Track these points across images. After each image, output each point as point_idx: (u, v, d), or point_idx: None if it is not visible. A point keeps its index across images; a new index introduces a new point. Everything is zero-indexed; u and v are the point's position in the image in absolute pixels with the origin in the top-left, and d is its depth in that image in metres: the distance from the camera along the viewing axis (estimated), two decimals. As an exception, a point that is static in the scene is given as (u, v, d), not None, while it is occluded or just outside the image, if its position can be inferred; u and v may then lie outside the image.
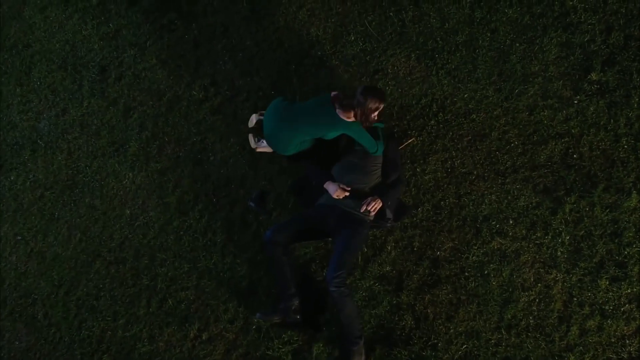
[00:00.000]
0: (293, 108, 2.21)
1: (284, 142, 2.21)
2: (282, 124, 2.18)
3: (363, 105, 2.08)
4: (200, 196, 2.66)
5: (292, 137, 2.18)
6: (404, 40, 2.71)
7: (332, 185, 2.22)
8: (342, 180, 2.28)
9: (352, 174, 2.28)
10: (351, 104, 2.11)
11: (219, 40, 2.90)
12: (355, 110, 2.10)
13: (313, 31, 2.81)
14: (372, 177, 2.30)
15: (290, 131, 2.16)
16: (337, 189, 2.20)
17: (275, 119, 2.22)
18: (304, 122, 2.15)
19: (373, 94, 2.14)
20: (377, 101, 2.12)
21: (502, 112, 2.50)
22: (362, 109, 2.09)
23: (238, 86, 2.81)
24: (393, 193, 2.26)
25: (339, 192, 2.20)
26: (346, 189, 2.20)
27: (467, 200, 2.42)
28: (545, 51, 2.55)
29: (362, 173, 2.28)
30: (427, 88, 2.62)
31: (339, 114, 2.12)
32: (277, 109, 2.24)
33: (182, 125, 2.79)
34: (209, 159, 2.71)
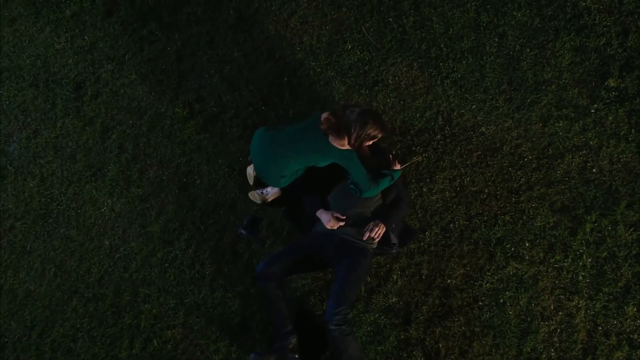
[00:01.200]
0: (279, 137, 2.15)
1: (275, 175, 2.16)
2: (270, 156, 2.13)
3: (359, 129, 2.01)
4: (186, 224, 2.64)
5: (283, 169, 2.13)
6: (405, 48, 2.71)
7: (325, 214, 2.20)
8: (340, 205, 2.26)
9: (351, 198, 2.25)
10: (346, 127, 2.02)
11: (204, 52, 2.90)
12: (350, 135, 2.02)
13: (306, 40, 2.81)
14: (372, 200, 2.28)
15: (279, 162, 2.12)
16: (331, 218, 2.17)
17: (261, 152, 2.18)
18: (293, 151, 2.10)
19: (375, 119, 2.05)
20: (377, 129, 2.04)
21: (514, 123, 2.51)
22: (357, 133, 2.02)
23: (225, 102, 2.80)
24: (397, 215, 2.24)
25: (332, 223, 2.17)
26: (341, 218, 2.17)
27: (479, 221, 2.42)
28: (558, 56, 2.57)
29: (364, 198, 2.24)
30: (431, 99, 2.62)
31: (330, 140, 2.04)
32: (262, 140, 2.20)
33: (165, 146, 2.78)
34: (195, 182, 2.69)
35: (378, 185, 2.17)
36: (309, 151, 2.09)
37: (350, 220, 2.23)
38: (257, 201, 2.45)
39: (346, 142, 2.05)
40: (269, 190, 2.44)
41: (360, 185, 2.12)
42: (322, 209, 2.24)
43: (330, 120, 2.05)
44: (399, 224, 2.26)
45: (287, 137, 2.13)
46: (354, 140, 2.04)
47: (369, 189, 2.13)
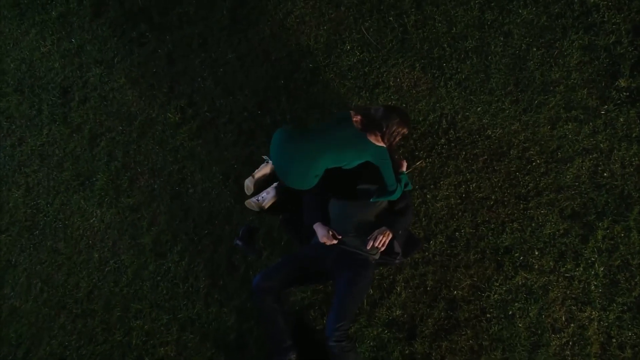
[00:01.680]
0: (308, 134, 2.15)
1: (301, 176, 2.12)
2: (299, 154, 2.10)
3: (390, 126, 2.06)
4: (179, 235, 2.61)
5: (316, 166, 2.09)
6: (407, 48, 2.71)
7: (322, 228, 2.18)
8: (341, 214, 2.23)
9: (354, 206, 2.23)
10: (379, 125, 2.06)
11: (196, 54, 2.89)
12: (383, 132, 2.07)
13: (303, 41, 2.81)
14: (376, 206, 2.24)
15: (309, 162, 2.09)
16: (326, 234, 2.15)
17: (288, 151, 2.14)
18: (327, 149, 2.07)
19: (401, 115, 2.12)
20: (405, 125, 2.12)
21: (521, 126, 2.51)
22: (389, 130, 2.07)
23: (219, 106, 2.79)
24: (403, 222, 2.21)
25: (326, 239, 2.16)
26: (337, 237, 2.16)
27: (486, 229, 2.41)
28: (566, 56, 2.57)
29: (369, 206, 2.23)
30: (434, 102, 2.62)
31: (366, 136, 2.06)
32: (289, 138, 2.17)
33: (156, 153, 2.76)
34: (188, 191, 2.67)
35: (401, 189, 2.20)
36: (347, 146, 2.07)
37: (352, 231, 2.21)
38: (254, 209, 2.44)
39: (380, 139, 2.08)
40: (265, 196, 2.43)
41: (389, 185, 2.13)
42: (319, 222, 2.22)
43: (360, 117, 2.09)
44: (404, 232, 2.24)
45: (319, 133, 2.13)
46: (387, 138, 2.08)
47: (395, 190, 2.15)
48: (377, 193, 2.21)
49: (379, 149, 2.08)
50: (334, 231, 2.19)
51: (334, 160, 2.11)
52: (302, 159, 2.10)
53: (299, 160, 2.11)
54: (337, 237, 2.17)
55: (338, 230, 2.23)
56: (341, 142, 2.07)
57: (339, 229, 2.23)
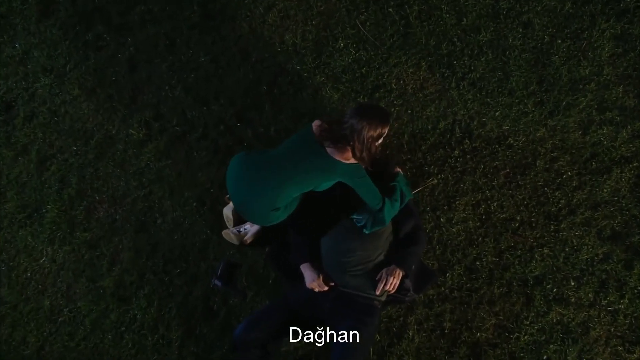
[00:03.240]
0: (264, 161, 2.05)
1: (265, 210, 2.03)
2: (258, 186, 2.01)
3: (359, 134, 1.90)
4: (146, 275, 2.55)
5: (275, 200, 2.00)
6: (410, 44, 2.68)
7: (310, 271, 2.11)
8: (336, 249, 2.14)
9: (349, 238, 2.13)
10: (346, 137, 1.92)
11: (163, 58, 2.84)
12: (353, 145, 1.92)
13: (288, 38, 2.77)
14: (381, 239, 2.15)
15: (271, 192, 1.99)
16: (315, 280, 2.09)
17: (245, 183, 2.05)
18: (287, 176, 1.98)
19: (370, 115, 1.95)
20: (376, 124, 1.93)
21: (548, 132, 2.48)
22: (358, 139, 1.91)
23: (191, 119, 2.74)
24: (415, 253, 2.14)
25: (316, 286, 2.09)
26: (329, 283, 2.10)
27: (511, 257, 2.37)
28: (596, 48, 2.55)
29: (369, 236, 2.13)
30: (445, 106, 2.58)
31: (331, 153, 1.94)
32: (244, 167, 2.08)
33: (117, 177, 2.71)
34: (156, 222, 2.62)
35: (393, 206, 2.08)
36: (309, 171, 1.97)
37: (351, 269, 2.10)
38: (233, 242, 2.39)
39: (350, 155, 1.96)
40: (248, 227, 2.38)
41: (371, 204, 2.03)
42: (307, 262, 2.13)
43: (323, 126, 1.98)
44: (416, 265, 2.17)
45: (276, 160, 2.03)
46: (359, 150, 1.93)
47: (382, 208, 2.04)
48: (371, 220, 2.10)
49: (348, 167, 1.95)
50: (326, 274, 2.12)
51: (298, 188, 2.01)
52: (262, 192, 2.00)
53: (258, 193, 2.01)
54: (330, 283, 2.11)
55: (333, 269, 2.14)
56: (302, 165, 1.97)
57: (333, 268, 2.14)
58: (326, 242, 2.19)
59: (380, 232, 2.15)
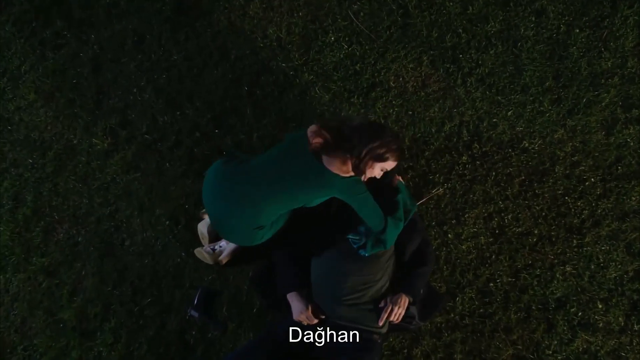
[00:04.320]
0: (247, 170, 1.95)
1: (246, 229, 1.95)
2: (237, 201, 1.91)
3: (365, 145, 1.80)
4: (113, 306, 2.48)
5: (258, 217, 1.91)
6: (410, 37, 2.66)
7: (298, 301, 2.03)
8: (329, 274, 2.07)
9: (349, 262, 2.04)
10: (347, 147, 1.82)
11: (130, 56, 2.81)
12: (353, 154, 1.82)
13: (272, 32, 2.75)
14: (381, 261, 2.06)
15: (253, 209, 1.90)
16: (303, 312, 2.01)
17: (222, 197, 1.95)
18: (274, 190, 1.89)
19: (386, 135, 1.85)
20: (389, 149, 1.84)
21: (567, 133, 2.48)
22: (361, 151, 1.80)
23: (163, 125, 2.70)
24: (423, 276, 2.09)
25: (303, 318, 2.01)
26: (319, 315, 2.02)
27: (529, 277, 2.34)
28: (618, 37, 2.55)
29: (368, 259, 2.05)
30: (451, 106, 2.56)
31: (327, 164, 1.84)
32: (222, 179, 1.98)
33: (79, 193, 2.64)
34: (123, 244, 2.57)
35: (396, 225, 2.01)
36: (300, 186, 1.88)
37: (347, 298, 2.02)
38: (207, 262, 2.33)
39: (350, 167, 1.86)
40: (224, 245, 2.34)
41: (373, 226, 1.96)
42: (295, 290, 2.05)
43: (322, 134, 1.87)
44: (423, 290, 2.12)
45: (261, 170, 1.93)
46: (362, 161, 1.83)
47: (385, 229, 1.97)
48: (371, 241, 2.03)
49: (347, 182, 1.85)
50: (316, 305, 2.04)
51: (286, 204, 1.92)
52: (243, 208, 1.91)
53: (239, 210, 1.92)
54: (320, 315, 2.02)
55: (325, 298, 2.05)
56: (292, 178, 1.87)
57: (326, 297, 2.06)
58: (317, 267, 2.11)
59: (380, 253, 2.07)
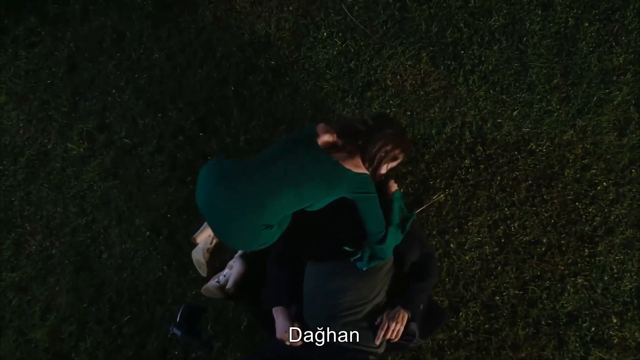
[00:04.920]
0: (250, 166, 1.90)
1: (254, 229, 1.88)
2: (242, 197, 1.85)
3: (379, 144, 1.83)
4: (89, 324, 2.45)
5: (265, 215, 1.85)
6: (408, 32, 2.65)
7: (282, 318, 1.96)
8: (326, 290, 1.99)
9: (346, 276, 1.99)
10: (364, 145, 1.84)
11: (109, 55, 2.79)
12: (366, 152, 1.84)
13: (260, 28, 2.73)
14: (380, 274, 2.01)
15: (258, 207, 1.85)
16: (286, 331, 1.94)
17: (223, 194, 1.88)
18: (280, 187, 1.84)
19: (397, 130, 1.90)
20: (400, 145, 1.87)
21: (576, 134, 2.47)
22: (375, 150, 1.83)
23: (144, 128, 2.68)
24: (424, 290, 2.02)
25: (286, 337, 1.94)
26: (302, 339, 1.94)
27: (538, 289, 2.32)
28: (630, 31, 2.55)
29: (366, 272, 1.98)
30: (452, 106, 2.55)
31: (340, 161, 1.83)
32: (220, 174, 1.92)
33: (54, 202, 2.62)
34: (100, 257, 2.53)
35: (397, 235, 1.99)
36: (311, 180, 1.84)
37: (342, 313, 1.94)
38: (218, 297, 2.26)
39: (361, 163, 1.87)
40: (227, 273, 2.28)
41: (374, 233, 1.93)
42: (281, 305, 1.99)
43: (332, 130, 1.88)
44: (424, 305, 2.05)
45: (265, 166, 1.88)
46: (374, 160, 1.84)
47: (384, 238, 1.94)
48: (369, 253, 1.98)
49: (359, 177, 1.85)
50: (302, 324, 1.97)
51: (294, 201, 1.87)
52: (249, 206, 1.85)
53: (244, 208, 1.85)
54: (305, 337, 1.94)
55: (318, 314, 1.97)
56: (302, 172, 1.84)
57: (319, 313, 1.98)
58: (312, 279, 2.03)
59: (380, 264, 2.00)
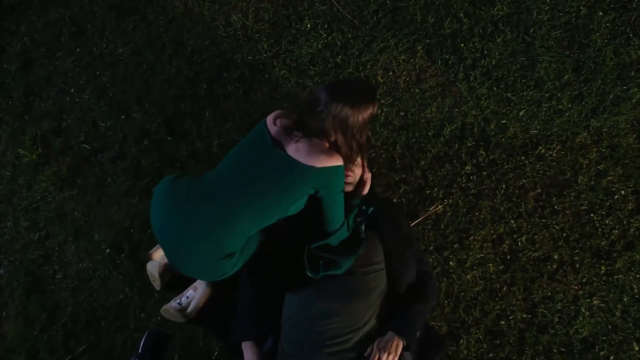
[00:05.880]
0: (206, 184, 1.82)
1: (211, 260, 1.82)
2: (197, 225, 1.79)
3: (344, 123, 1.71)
4: (40, 353, 2.37)
5: (225, 242, 1.79)
6: (402, 23, 2.63)
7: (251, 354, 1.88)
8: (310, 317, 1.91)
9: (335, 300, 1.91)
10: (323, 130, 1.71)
11: (67, 50, 2.76)
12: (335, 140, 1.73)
13: (236, 20, 2.70)
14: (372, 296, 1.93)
15: (217, 233, 1.78)
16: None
17: (177, 220, 1.82)
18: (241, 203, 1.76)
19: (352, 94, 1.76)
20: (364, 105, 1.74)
21: (590, 136, 2.44)
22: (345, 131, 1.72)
23: (105, 132, 2.64)
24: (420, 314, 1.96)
25: None
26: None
27: (549, 312, 2.26)
28: None
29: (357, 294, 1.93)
30: (451, 105, 2.52)
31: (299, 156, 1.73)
32: (175, 197, 1.84)
33: (2, 215, 2.58)
34: (54, 277, 2.48)
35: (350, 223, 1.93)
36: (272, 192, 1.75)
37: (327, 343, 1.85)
38: (178, 320, 2.17)
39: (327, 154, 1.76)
40: (190, 295, 2.20)
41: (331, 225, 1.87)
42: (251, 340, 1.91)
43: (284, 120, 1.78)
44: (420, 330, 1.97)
45: (220, 183, 1.80)
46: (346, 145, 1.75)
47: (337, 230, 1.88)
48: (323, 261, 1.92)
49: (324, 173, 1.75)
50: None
51: (257, 220, 1.80)
52: (207, 232, 1.78)
53: (201, 235, 1.79)
54: None
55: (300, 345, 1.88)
56: (262, 184, 1.75)
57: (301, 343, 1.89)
58: (291, 304, 1.94)
59: (372, 286, 1.91)
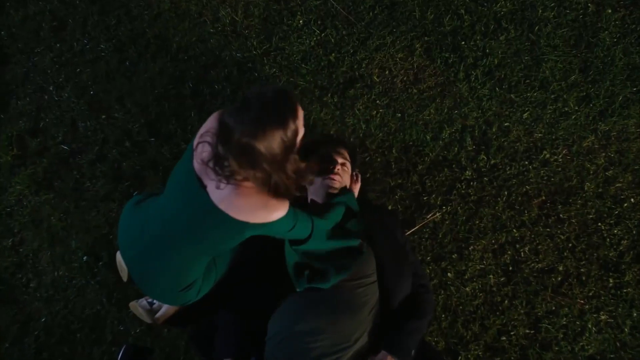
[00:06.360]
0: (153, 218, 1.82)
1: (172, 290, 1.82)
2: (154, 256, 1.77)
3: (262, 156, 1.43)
4: None
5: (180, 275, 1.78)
6: (399, 20, 2.63)
7: None
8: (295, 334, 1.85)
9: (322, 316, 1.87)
10: (230, 169, 1.50)
11: (47, 46, 2.76)
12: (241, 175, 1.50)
13: (225, 15, 2.69)
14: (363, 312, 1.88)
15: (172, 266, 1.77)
16: None
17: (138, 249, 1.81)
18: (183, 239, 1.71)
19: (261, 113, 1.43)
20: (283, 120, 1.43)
21: (598, 141, 2.43)
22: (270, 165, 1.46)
23: (84, 133, 2.63)
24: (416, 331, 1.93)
25: None
26: None
27: (553, 328, 2.24)
28: None
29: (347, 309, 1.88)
30: (450, 107, 2.51)
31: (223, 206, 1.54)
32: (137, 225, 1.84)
33: None
34: (28, 286, 2.45)
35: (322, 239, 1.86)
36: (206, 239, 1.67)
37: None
38: (144, 319, 2.18)
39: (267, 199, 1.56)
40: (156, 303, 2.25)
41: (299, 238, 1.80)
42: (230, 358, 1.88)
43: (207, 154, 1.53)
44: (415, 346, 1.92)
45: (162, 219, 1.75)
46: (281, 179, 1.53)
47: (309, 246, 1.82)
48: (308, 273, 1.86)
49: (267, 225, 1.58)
50: None
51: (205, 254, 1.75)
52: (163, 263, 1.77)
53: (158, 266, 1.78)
54: None
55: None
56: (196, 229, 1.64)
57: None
58: (276, 321, 1.88)
59: (362, 300, 1.86)
